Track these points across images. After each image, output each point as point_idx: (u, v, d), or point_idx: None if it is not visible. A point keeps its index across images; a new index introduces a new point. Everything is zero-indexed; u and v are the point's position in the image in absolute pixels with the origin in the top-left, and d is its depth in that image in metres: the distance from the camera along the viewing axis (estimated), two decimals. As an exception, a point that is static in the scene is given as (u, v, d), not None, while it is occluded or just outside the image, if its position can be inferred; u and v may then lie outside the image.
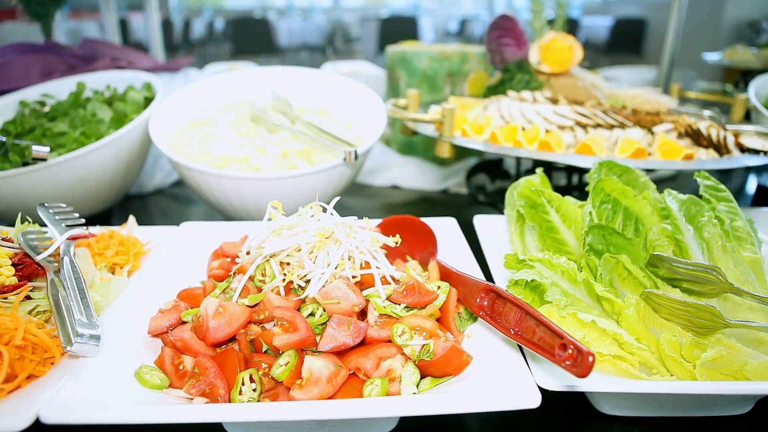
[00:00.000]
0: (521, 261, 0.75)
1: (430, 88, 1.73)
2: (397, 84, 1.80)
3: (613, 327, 0.68)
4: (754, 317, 0.80)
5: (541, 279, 0.69)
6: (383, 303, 0.71)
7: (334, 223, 0.74)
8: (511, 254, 0.75)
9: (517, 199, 0.86)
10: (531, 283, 0.70)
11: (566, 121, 1.21)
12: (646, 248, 0.83)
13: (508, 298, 0.65)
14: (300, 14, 8.44)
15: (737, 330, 0.77)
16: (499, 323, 0.65)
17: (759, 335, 0.78)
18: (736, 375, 0.70)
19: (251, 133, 1.21)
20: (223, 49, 7.33)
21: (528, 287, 0.71)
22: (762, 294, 0.82)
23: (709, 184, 0.91)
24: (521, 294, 0.71)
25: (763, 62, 2.11)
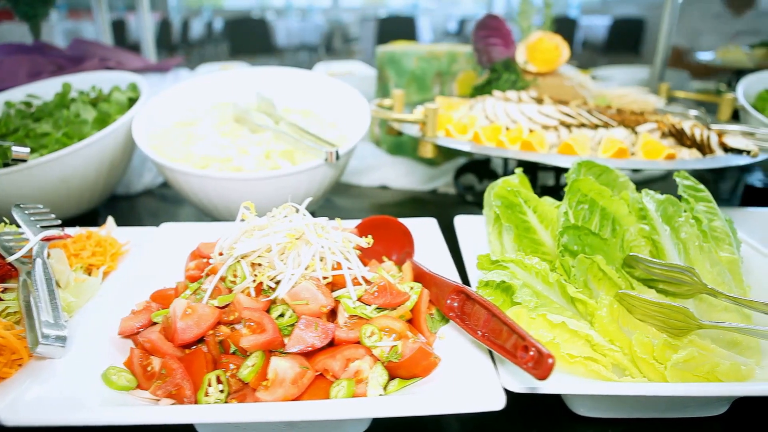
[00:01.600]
0: (494, 262, 0.75)
1: (419, 88, 1.73)
2: (386, 84, 1.79)
3: (584, 328, 0.68)
4: (730, 318, 0.80)
5: (512, 280, 0.69)
6: (353, 304, 0.71)
7: (306, 224, 0.73)
8: (484, 255, 0.75)
9: (494, 199, 0.85)
10: (501, 284, 0.69)
11: (551, 121, 1.20)
12: (623, 249, 0.83)
13: (477, 300, 0.65)
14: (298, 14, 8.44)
15: (713, 331, 0.77)
16: (468, 325, 0.65)
17: (734, 336, 0.77)
18: (708, 376, 0.70)
19: (234, 133, 1.21)
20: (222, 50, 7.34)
21: (499, 288, 0.71)
22: (738, 295, 0.81)
23: (688, 184, 0.91)
24: (492, 295, 0.71)
25: (756, 62, 2.10)
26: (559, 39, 1.43)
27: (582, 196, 0.82)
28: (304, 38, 7.70)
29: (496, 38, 1.48)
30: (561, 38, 1.43)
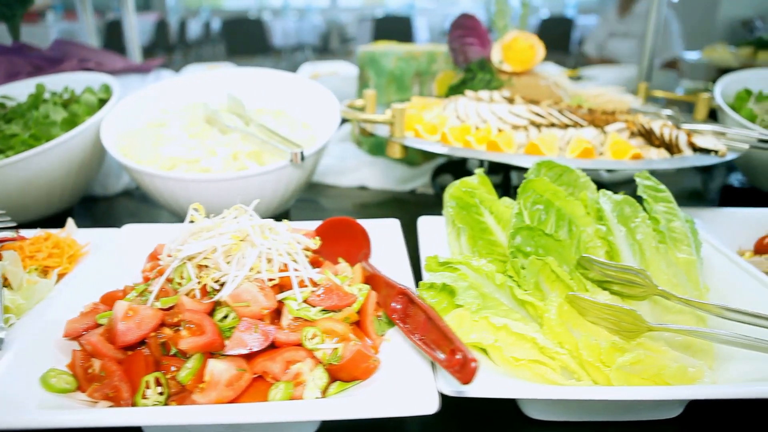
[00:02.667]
0: (442, 263, 0.74)
1: (398, 88, 1.73)
2: (367, 84, 1.79)
3: (528, 331, 0.67)
4: (685, 320, 0.79)
5: (456, 282, 0.68)
6: (297, 306, 0.70)
7: (251, 226, 0.73)
8: (432, 256, 0.75)
9: (448, 200, 0.85)
10: (446, 286, 0.69)
11: (521, 121, 1.19)
12: (579, 250, 0.82)
13: (416, 303, 0.64)
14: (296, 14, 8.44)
15: (668, 333, 0.76)
16: (407, 327, 0.65)
17: (688, 339, 0.76)
18: (656, 379, 0.69)
19: (203, 134, 1.21)
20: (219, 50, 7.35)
21: (445, 291, 0.70)
22: (692, 296, 0.80)
23: (648, 184, 0.90)
24: (437, 297, 0.70)
25: (741, 61, 2.08)
26: (535, 39, 1.42)
27: (537, 197, 0.82)
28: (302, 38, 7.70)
29: (473, 38, 1.47)
30: (537, 38, 1.42)
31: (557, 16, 7.11)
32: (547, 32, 6.51)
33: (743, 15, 4.56)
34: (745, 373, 0.73)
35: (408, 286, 0.71)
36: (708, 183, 1.66)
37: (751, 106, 1.44)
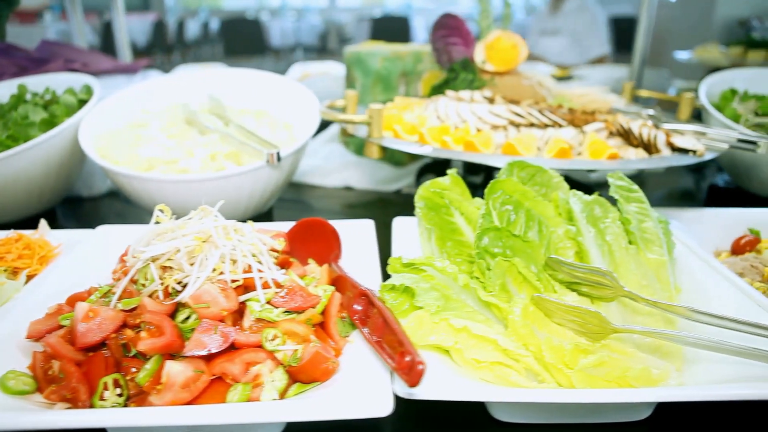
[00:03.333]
0: (406, 264, 0.74)
1: (384, 88, 1.72)
2: (353, 84, 1.78)
3: (489, 333, 0.67)
4: (653, 322, 0.78)
5: (416, 284, 0.68)
6: (260, 307, 0.70)
7: (214, 227, 0.73)
8: (396, 258, 0.74)
9: (417, 200, 0.84)
10: (406, 287, 0.68)
11: (500, 121, 1.19)
12: (549, 251, 0.81)
13: (375, 304, 0.64)
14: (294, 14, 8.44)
15: (637, 336, 0.76)
16: (366, 329, 0.64)
17: (658, 341, 0.76)
18: (619, 381, 0.69)
19: (182, 135, 1.20)
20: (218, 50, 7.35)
21: (406, 292, 0.70)
22: (660, 298, 0.80)
23: (621, 184, 0.89)
24: (399, 299, 0.70)
25: (731, 60, 2.07)
26: (518, 38, 1.41)
27: (506, 197, 0.81)
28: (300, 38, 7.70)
29: (456, 38, 1.47)
30: (519, 37, 1.42)
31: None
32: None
33: (740, 14, 4.54)
34: (712, 375, 0.72)
35: (369, 287, 0.70)
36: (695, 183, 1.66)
37: (736, 106, 1.43)
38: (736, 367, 0.70)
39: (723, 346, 0.68)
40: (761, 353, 0.67)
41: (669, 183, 1.70)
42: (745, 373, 0.69)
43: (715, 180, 1.56)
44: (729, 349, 0.68)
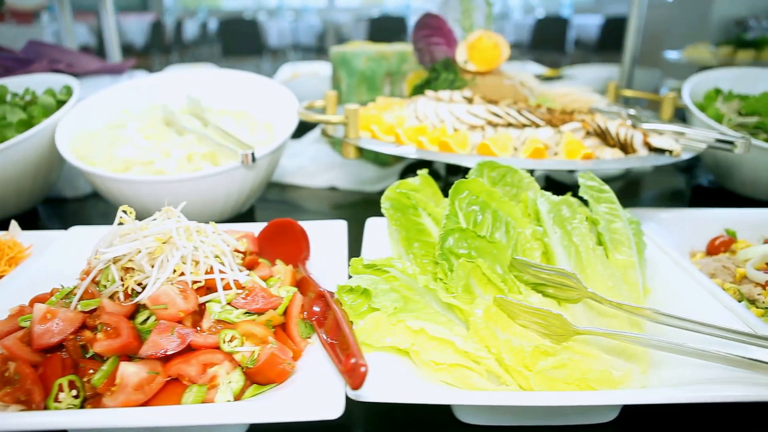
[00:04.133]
0: (368, 265, 0.73)
1: (369, 88, 1.72)
2: (339, 84, 1.78)
3: (447, 334, 0.66)
4: (619, 323, 0.78)
5: (371, 285, 0.67)
6: (219, 308, 0.70)
7: (175, 228, 0.73)
8: (357, 259, 0.74)
9: (383, 201, 0.84)
10: (363, 289, 0.68)
11: (478, 121, 1.18)
12: (516, 252, 0.81)
13: (330, 305, 0.63)
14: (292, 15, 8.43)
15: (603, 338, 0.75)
16: (321, 331, 0.64)
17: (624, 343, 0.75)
18: (580, 384, 0.68)
19: (159, 136, 1.20)
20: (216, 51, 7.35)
21: (365, 294, 0.69)
22: (627, 299, 0.79)
23: (591, 185, 0.89)
24: (358, 300, 0.69)
25: (720, 60, 2.06)
26: (500, 38, 1.41)
27: (473, 198, 0.81)
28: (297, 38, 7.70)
29: (438, 37, 1.46)
30: (501, 37, 1.41)
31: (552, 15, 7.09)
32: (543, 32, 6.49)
33: (737, 14, 4.53)
34: (677, 377, 0.72)
35: (329, 289, 0.70)
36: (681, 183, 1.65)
37: (719, 106, 1.42)
38: (701, 369, 0.70)
39: (685, 349, 0.68)
40: (723, 356, 0.66)
41: (657, 183, 1.69)
42: (709, 375, 0.69)
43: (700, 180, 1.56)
44: (691, 351, 0.68)
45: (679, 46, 2.56)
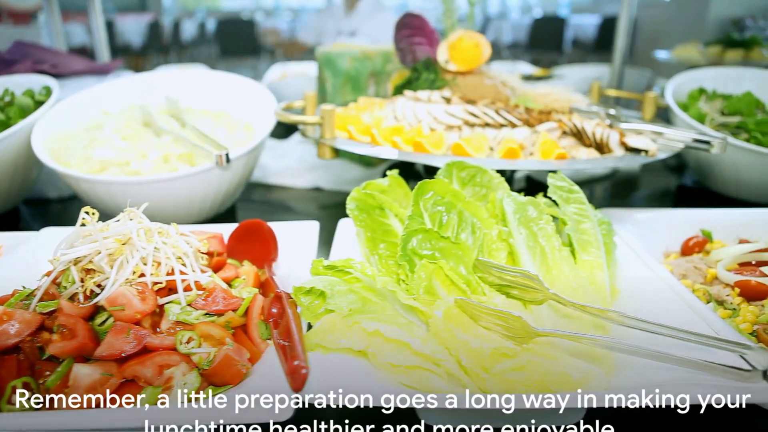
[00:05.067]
0: (328, 266, 0.73)
1: (353, 89, 1.72)
2: (324, 85, 1.78)
3: (404, 336, 0.66)
4: (583, 325, 0.77)
5: (327, 287, 0.67)
6: (179, 309, 0.70)
7: (135, 229, 0.72)
8: (318, 260, 0.74)
9: (349, 202, 0.84)
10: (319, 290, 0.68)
11: (455, 121, 1.18)
12: (482, 253, 0.81)
13: (284, 307, 0.63)
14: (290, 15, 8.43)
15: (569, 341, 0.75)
16: (276, 332, 0.64)
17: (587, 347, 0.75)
18: (539, 386, 0.68)
19: (136, 137, 1.20)
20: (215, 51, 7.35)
21: (323, 295, 0.69)
22: (593, 301, 0.79)
23: (560, 185, 0.88)
24: (316, 301, 0.69)
25: (709, 59, 2.05)
26: (481, 37, 1.41)
27: (438, 198, 0.80)
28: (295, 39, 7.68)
29: (421, 37, 1.46)
30: (483, 37, 1.41)
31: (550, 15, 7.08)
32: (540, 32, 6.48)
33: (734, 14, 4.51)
34: (641, 379, 0.71)
35: (285, 290, 0.70)
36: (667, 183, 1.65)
37: (701, 105, 1.42)
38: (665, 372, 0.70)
39: (645, 352, 0.68)
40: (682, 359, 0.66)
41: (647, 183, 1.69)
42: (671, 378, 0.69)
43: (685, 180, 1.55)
44: (651, 354, 0.67)
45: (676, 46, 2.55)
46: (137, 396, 0.63)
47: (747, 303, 0.82)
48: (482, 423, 0.73)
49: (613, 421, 0.75)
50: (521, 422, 0.73)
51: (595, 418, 0.74)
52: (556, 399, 0.63)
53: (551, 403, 0.63)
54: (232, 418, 0.55)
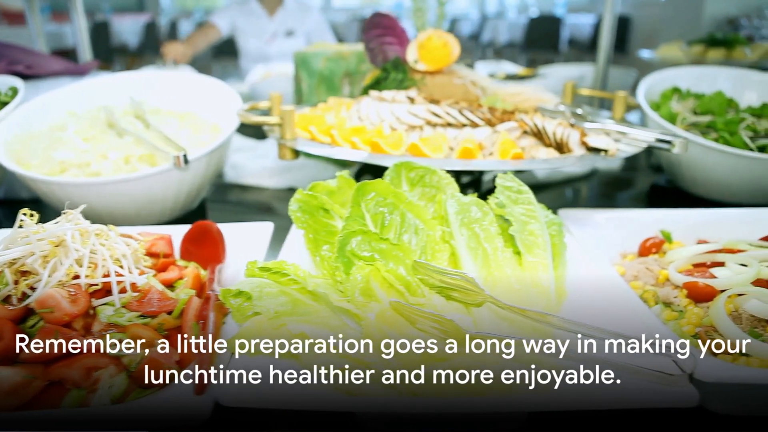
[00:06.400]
0: (263, 268, 0.72)
1: (328, 89, 1.71)
2: (300, 85, 1.78)
3: (330, 339, 0.66)
4: (524, 328, 0.76)
5: (254, 289, 0.67)
6: (113, 311, 0.69)
7: (71, 231, 0.72)
8: (252, 261, 0.73)
9: (291, 203, 0.83)
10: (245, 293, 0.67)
11: (417, 121, 1.18)
12: (425, 255, 0.80)
13: (210, 309, 0.63)
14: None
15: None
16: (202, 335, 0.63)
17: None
18: (473, 390, 0.67)
19: (98, 138, 1.20)
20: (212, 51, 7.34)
21: (250, 298, 0.68)
22: (535, 303, 0.78)
23: (509, 185, 0.87)
24: (246, 303, 0.68)
25: (691, 59, 2.04)
26: (450, 37, 1.40)
27: (380, 199, 0.80)
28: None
29: (391, 37, 1.45)
30: (452, 36, 1.40)
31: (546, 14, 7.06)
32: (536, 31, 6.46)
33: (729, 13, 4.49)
34: (578, 382, 0.70)
35: (216, 292, 0.70)
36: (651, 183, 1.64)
37: (673, 105, 1.41)
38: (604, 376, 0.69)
39: (575, 356, 0.67)
40: (614, 364, 0.65)
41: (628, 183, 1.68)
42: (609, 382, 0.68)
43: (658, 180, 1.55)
44: (581, 358, 0.67)
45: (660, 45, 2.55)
46: (62, 398, 0.63)
47: (694, 305, 0.81)
48: (422, 428, 0.72)
49: (555, 426, 0.74)
50: (461, 427, 0.73)
51: (538, 423, 0.74)
52: (490, 402, 0.63)
53: (486, 407, 0.62)
54: (148, 421, 0.55)
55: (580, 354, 0.66)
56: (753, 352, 0.71)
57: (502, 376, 0.67)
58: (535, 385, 0.69)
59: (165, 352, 0.66)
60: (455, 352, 0.69)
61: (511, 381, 0.67)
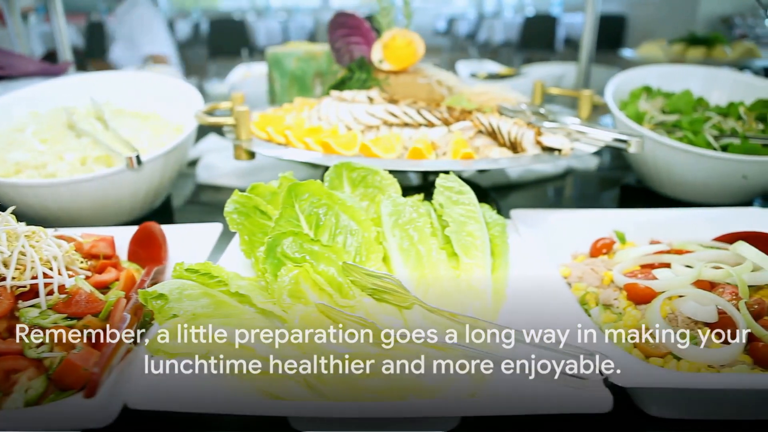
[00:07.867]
0: (190, 269, 0.72)
1: (300, 89, 1.71)
2: (273, 85, 1.77)
3: (249, 342, 0.65)
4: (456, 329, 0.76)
5: (172, 291, 0.66)
6: (37, 313, 0.69)
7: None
8: (180, 263, 0.73)
9: (227, 205, 0.83)
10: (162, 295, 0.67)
11: (375, 121, 1.17)
12: (360, 256, 0.79)
13: (128, 310, 0.62)
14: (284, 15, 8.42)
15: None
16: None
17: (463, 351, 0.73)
18: (398, 392, 0.67)
19: (56, 139, 1.20)
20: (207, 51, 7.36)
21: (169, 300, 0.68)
22: (470, 305, 0.78)
23: (449, 185, 0.87)
24: (167, 304, 0.68)
25: (671, 57, 2.02)
26: (415, 36, 1.39)
27: (315, 200, 0.79)
28: (288, 39, 7.69)
29: (358, 36, 1.45)
30: (417, 35, 1.39)
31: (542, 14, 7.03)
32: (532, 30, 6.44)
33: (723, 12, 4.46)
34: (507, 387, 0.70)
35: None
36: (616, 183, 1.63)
37: (641, 104, 1.39)
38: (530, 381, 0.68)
39: (498, 358, 0.66)
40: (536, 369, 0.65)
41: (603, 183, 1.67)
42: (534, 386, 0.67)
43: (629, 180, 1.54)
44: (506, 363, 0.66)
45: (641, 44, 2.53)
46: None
47: (634, 307, 0.80)
48: (349, 428, 0.72)
49: (489, 426, 0.74)
50: (391, 430, 0.72)
51: (470, 427, 0.73)
52: (412, 407, 0.62)
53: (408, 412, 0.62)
54: (50, 425, 0.54)
55: (501, 354, 0.65)
56: (683, 354, 0.70)
57: (429, 379, 0.67)
58: (455, 388, 0.69)
59: (84, 354, 0.66)
60: (382, 354, 0.68)
61: (440, 384, 0.67)
